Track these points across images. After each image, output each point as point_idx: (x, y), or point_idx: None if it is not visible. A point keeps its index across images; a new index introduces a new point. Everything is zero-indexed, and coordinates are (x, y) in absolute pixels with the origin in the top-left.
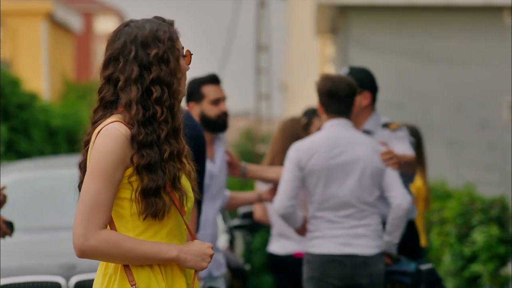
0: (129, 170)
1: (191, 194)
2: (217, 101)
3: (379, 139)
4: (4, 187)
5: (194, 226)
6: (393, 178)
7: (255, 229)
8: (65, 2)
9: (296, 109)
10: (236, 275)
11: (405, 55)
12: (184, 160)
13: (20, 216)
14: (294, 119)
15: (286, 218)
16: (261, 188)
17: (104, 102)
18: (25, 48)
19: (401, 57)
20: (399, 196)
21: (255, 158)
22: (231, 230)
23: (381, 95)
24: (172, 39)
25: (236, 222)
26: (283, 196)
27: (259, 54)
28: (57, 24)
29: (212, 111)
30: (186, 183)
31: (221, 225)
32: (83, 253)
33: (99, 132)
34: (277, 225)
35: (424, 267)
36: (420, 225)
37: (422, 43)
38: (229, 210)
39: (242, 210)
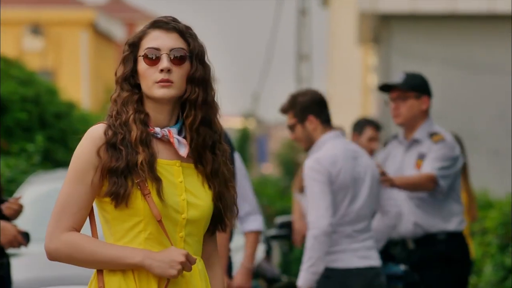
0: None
1: (198, 201)
2: None
3: (423, 149)
4: (19, 197)
5: (222, 252)
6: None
7: (291, 239)
8: (108, 11)
9: (338, 119)
10: (272, 285)
11: (448, 64)
12: (144, 149)
13: None
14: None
15: (328, 237)
16: (300, 199)
17: None
18: (68, 57)
19: (444, 66)
20: (397, 204)
21: (296, 168)
22: (268, 240)
23: None
24: (133, 40)
25: (273, 232)
26: (325, 212)
27: (300, 63)
28: (99, 34)
29: None
30: (195, 189)
31: None
32: (48, 255)
33: None
34: None
35: (403, 268)
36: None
37: (465, 52)
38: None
39: (280, 219)
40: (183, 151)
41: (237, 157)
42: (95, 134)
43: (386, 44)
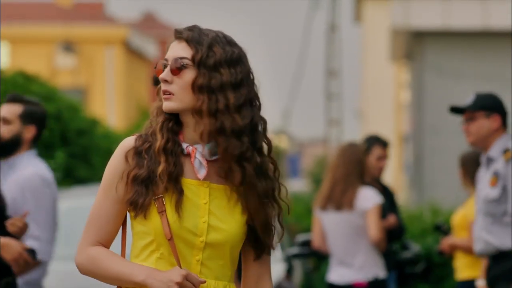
0: None
1: (222, 225)
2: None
3: (497, 166)
4: (25, 214)
5: None
6: None
7: (314, 257)
8: (140, 28)
9: None
10: None
11: (481, 80)
12: (163, 159)
13: (74, 243)
14: (353, 144)
15: None
16: (321, 216)
17: None
18: (100, 74)
19: (477, 83)
20: None
21: None
22: (289, 259)
23: (458, 121)
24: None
25: (294, 250)
26: None
27: (330, 79)
28: (132, 51)
29: None
30: (221, 213)
31: (278, 253)
32: (78, 269)
33: None
34: (337, 254)
35: None
36: None
37: (498, 68)
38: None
39: (301, 238)
40: (202, 173)
41: None
42: (126, 143)
43: (419, 60)
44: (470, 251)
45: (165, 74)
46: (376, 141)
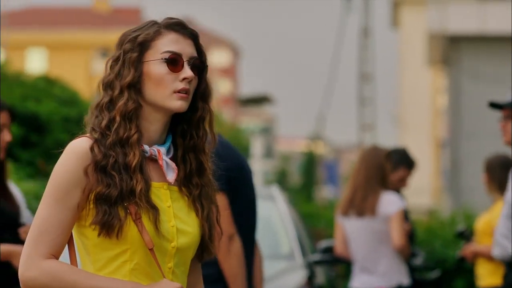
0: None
1: (187, 228)
2: None
3: None
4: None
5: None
6: None
7: (342, 264)
8: None
9: (409, 140)
10: None
11: None
12: (137, 173)
13: None
14: (375, 147)
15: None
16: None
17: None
18: None
19: None
20: None
21: None
22: (310, 266)
23: (495, 126)
24: (135, 41)
25: (316, 257)
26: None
27: (363, 84)
28: None
29: None
30: (183, 215)
31: (299, 260)
32: (24, 284)
33: None
34: (360, 260)
35: None
36: None
37: None
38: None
39: (324, 244)
40: (171, 176)
41: None
42: (79, 150)
43: (455, 65)
44: (492, 257)
45: (191, 73)
46: (403, 162)
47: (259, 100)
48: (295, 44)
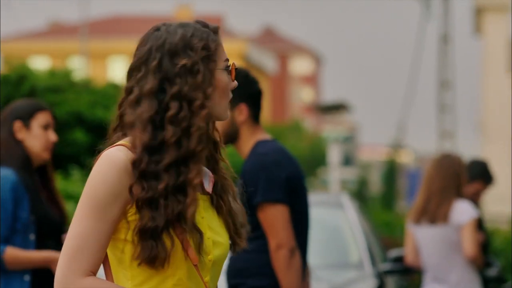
0: (131, 206)
1: (221, 239)
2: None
3: None
4: None
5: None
6: None
7: (407, 273)
8: (260, 43)
9: (491, 148)
10: None
11: None
12: (191, 193)
13: None
14: (450, 155)
15: None
16: (414, 231)
17: (123, 120)
18: None
19: None
20: None
21: None
22: (380, 275)
23: None
24: (209, 48)
25: (386, 266)
26: None
27: (442, 91)
28: (251, 66)
29: None
30: (214, 225)
31: (368, 269)
32: None
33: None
34: (431, 269)
35: None
36: None
37: None
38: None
39: (394, 253)
40: (208, 185)
41: None
42: (119, 161)
43: None
44: None
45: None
46: (482, 175)
47: (336, 108)
48: (375, 50)
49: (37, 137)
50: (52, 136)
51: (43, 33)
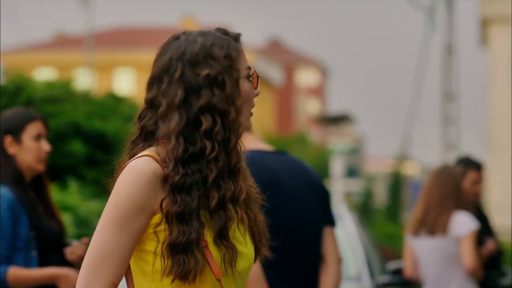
0: (157, 217)
1: (246, 250)
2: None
3: None
4: (86, 242)
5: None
6: None
7: (406, 286)
8: (266, 54)
9: (497, 160)
10: None
11: None
12: (238, 208)
13: None
14: (448, 166)
15: None
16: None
17: (144, 131)
18: None
19: None
20: None
21: None
22: None
23: None
24: (231, 57)
25: (385, 279)
26: None
27: (446, 103)
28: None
29: None
30: (238, 235)
31: (367, 282)
32: None
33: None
34: (430, 282)
35: None
36: None
37: None
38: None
39: (393, 265)
40: None
41: None
42: (145, 173)
43: None
44: None
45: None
46: (470, 164)
47: (339, 119)
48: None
49: (29, 150)
50: (45, 146)
51: (49, 44)
